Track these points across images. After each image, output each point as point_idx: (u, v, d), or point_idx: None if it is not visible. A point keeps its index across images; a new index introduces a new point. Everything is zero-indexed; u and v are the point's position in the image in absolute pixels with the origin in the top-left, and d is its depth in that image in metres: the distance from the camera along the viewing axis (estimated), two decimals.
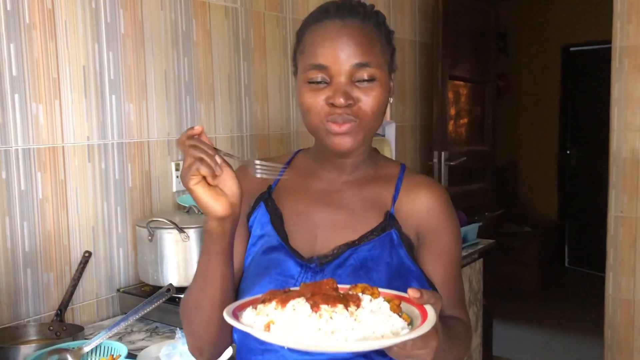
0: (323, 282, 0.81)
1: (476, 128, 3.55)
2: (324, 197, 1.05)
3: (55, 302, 1.68)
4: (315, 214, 1.03)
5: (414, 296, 0.77)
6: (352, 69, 0.94)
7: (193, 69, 2.04)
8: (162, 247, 1.70)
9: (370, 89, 0.96)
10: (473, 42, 3.44)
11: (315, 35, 0.97)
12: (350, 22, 0.96)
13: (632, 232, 3.00)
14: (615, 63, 2.99)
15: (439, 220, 1.03)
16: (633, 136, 2.97)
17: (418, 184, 1.05)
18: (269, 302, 0.78)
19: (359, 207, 1.03)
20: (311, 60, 0.96)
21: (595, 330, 3.53)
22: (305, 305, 0.75)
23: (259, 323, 0.76)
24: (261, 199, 1.08)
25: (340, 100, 0.93)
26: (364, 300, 0.77)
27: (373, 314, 0.75)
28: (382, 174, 1.07)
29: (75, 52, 1.69)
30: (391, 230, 1.00)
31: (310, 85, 0.97)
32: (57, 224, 1.68)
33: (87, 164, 1.74)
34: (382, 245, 0.98)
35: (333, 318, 0.73)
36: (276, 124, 2.37)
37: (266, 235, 1.04)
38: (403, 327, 0.75)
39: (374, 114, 0.97)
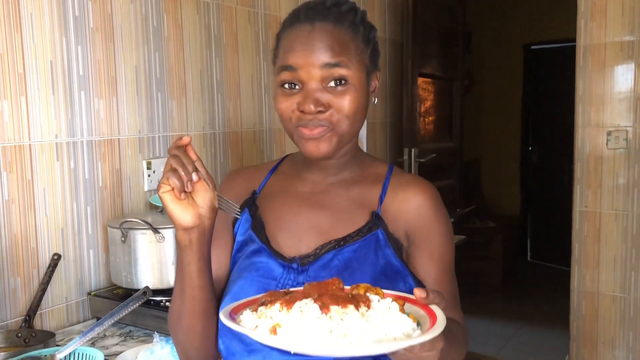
0: (328, 282, 0.78)
1: (444, 125, 3.58)
2: (309, 199, 1.03)
3: (22, 307, 1.61)
4: (300, 217, 1.02)
5: (420, 296, 0.75)
6: (322, 71, 0.92)
7: (164, 64, 1.98)
8: (135, 248, 1.65)
9: (343, 93, 0.94)
10: (441, 39, 3.46)
11: (286, 40, 0.97)
12: (320, 25, 0.94)
13: (596, 227, 3.07)
14: (580, 61, 3.05)
15: (429, 220, 1.00)
16: (597, 132, 3.04)
17: (406, 183, 1.03)
18: (271, 304, 0.74)
19: (345, 208, 1.01)
20: (282, 62, 0.96)
21: (560, 323, 3.61)
22: (313, 307, 0.71)
23: (262, 327, 0.72)
24: (245, 205, 1.07)
25: (310, 107, 0.92)
26: (373, 301, 0.74)
27: (383, 315, 0.72)
28: (368, 174, 1.06)
29: (42, 46, 1.62)
30: (377, 230, 0.98)
31: (283, 89, 0.96)
32: (24, 226, 1.60)
33: (55, 163, 1.67)
34: (368, 246, 0.97)
35: (344, 320, 0.70)
36: (249, 122, 2.33)
37: (249, 240, 1.03)
38: (413, 329, 0.73)
39: (349, 118, 0.95)
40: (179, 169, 0.84)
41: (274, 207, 1.04)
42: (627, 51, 2.94)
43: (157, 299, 1.64)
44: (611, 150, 3.01)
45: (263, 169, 1.13)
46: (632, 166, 2.96)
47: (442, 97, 3.54)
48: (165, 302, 1.63)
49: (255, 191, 1.08)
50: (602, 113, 3.03)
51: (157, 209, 1.83)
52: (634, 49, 2.93)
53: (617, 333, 3.01)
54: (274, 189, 1.08)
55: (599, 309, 3.07)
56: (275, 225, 1.02)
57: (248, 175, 1.12)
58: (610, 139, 3.00)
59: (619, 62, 2.97)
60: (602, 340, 3.05)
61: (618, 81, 2.99)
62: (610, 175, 3.01)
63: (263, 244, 1.01)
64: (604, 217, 3.05)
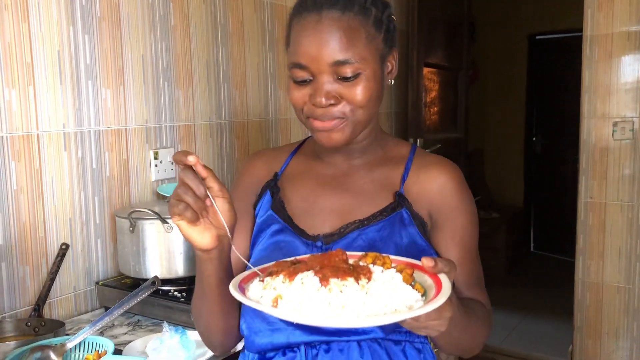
0: (332, 253, 0.79)
1: (449, 115, 3.57)
2: (331, 181, 1.03)
3: (31, 296, 1.61)
4: (322, 199, 1.01)
5: (427, 265, 0.75)
6: (332, 67, 0.90)
7: (171, 53, 1.97)
8: (144, 238, 1.65)
9: (354, 84, 0.91)
10: (446, 29, 3.44)
11: (295, 31, 0.94)
12: (327, 14, 0.90)
13: (601, 217, 3.07)
14: (586, 51, 3.04)
15: (452, 200, 0.99)
16: (602, 123, 3.03)
17: (429, 164, 1.02)
18: (276, 275, 0.75)
19: (368, 189, 1.01)
20: (292, 59, 0.94)
21: (564, 313, 3.62)
22: (314, 279, 0.72)
23: (266, 298, 0.73)
24: (267, 187, 1.06)
25: (322, 100, 0.91)
26: (375, 273, 0.74)
27: (385, 287, 0.72)
28: (391, 155, 1.05)
29: (49, 35, 1.61)
30: (401, 209, 0.98)
31: (295, 82, 0.95)
32: (32, 216, 1.61)
33: (63, 153, 1.67)
34: (392, 225, 0.97)
35: (343, 292, 0.70)
36: (255, 111, 2.32)
37: (270, 220, 1.02)
38: (417, 300, 0.73)
39: (362, 107, 0.93)
40: (189, 199, 0.80)
41: (296, 189, 1.04)
42: (634, 41, 2.93)
43: (166, 288, 1.64)
44: (617, 141, 3.00)
45: (284, 151, 1.12)
46: (637, 157, 2.95)
47: (447, 87, 3.53)
48: (174, 292, 1.63)
49: (277, 173, 1.07)
50: (608, 104, 3.01)
51: (165, 199, 1.83)
52: None
53: (621, 324, 3.02)
54: (295, 171, 1.07)
55: (603, 300, 3.07)
56: (298, 206, 1.02)
57: (269, 158, 1.11)
58: (617, 130, 2.99)
59: (625, 53, 2.95)
60: (606, 331, 3.06)
61: (624, 72, 2.97)
62: (615, 166, 3.00)
63: (286, 223, 1.00)
64: (609, 208, 3.05)
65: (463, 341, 0.93)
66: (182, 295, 1.61)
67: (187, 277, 1.67)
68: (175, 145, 2.01)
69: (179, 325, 1.50)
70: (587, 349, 3.10)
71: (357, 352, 0.92)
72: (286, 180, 1.06)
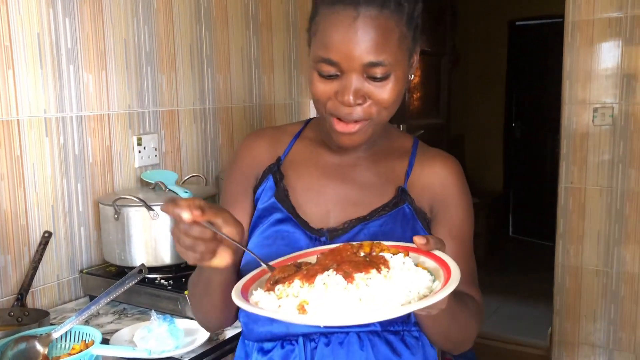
0: (341, 248, 0.78)
1: (432, 101, 3.57)
2: (337, 171, 1.01)
3: (13, 286, 1.58)
4: (328, 188, 1.00)
5: (420, 243, 0.76)
6: (364, 67, 0.87)
7: (154, 37, 1.93)
8: (129, 225, 1.63)
9: (384, 85, 0.88)
10: (429, 15, 3.44)
11: (326, 23, 0.88)
12: (365, 11, 0.85)
13: (580, 202, 3.11)
14: (568, 37, 3.05)
15: (452, 194, 1.00)
16: (583, 109, 3.06)
17: (432, 158, 1.02)
18: (288, 281, 0.73)
19: (373, 182, 1.00)
20: (322, 53, 0.88)
21: (542, 296, 3.68)
22: (337, 278, 0.70)
23: (288, 306, 0.70)
24: (269, 172, 1.03)
25: (349, 99, 0.87)
26: (390, 261, 0.74)
27: (403, 273, 0.72)
28: (395, 147, 1.04)
29: (28, 18, 1.57)
30: (403, 205, 0.97)
31: (320, 75, 0.90)
32: (14, 203, 1.57)
33: (44, 139, 1.63)
34: (394, 221, 0.96)
35: (369, 285, 0.69)
36: (239, 97, 2.30)
37: (272, 208, 1.00)
38: (431, 279, 0.73)
39: (387, 109, 0.90)
40: (201, 248, 0.76)
41: (301, 177, 1.02)
42: (615, 28, 2.95)
43: (152, 276, 1.62)
44: (597, 127, 3.03)
45: (287, 132, 1.08)
46: (617, 143, 2.99)
47: (429, 73, 3.53)
48: (160, 280, 1.62)
49: (280, 157, 1.04)
50: (588, 90, 3.04)
51: (149, 186, 1.80)
52: (622, 26, 2.94)
53: (599, 306, 3.08)
54: (299, 157, 1.04)
55: (582, 283, 3.12)
56: (302, 195, 1.00)
57: (271, 139, 1.07)
58: (597, 116, 3.02)
59: (606, 39, 2.98)
60: (584, 313, 3.12)
61: (605, 58, 3.00)
62: (595, 151, 3.04)
63: (289, 213, 0.98)
64: (589, 192, 3.09)
65: (452, 332, 0.93)
66: (168, 283, 1.60)
67: (174, 264, 1.65)
68: (159, 131, 1.97)
69: (166, 313, 1.49)
70: (565, 331, 3.16)
71: (357, 345, 0.92)
72: (289, 166, 1.03)
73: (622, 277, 3.02)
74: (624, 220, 2.99)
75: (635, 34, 2.90)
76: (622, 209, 2.99)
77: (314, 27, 0.92)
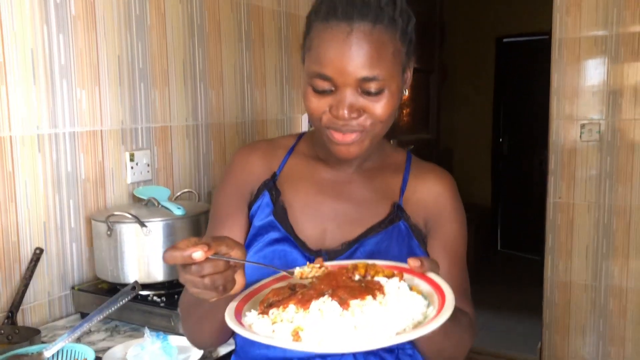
0: (336, 272, 0.77)
1: (421, 116, 3.60)
2: (333, 188, 1.01)
3: (3, 303, 1.56)
4: (324, 206, 1.00)
5: (414, 265, 0.77)
6: (358, 82, 0.87)
7: (147, 53, 1.94)
8: (122, 242, 1.62)
9: (378, 99, 0.89)
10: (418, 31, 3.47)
11: (320, 39, 0.89)
12: (359, 26, 0.86)
13: (569, 217, 3.14)
14: (555, 54, 3.10)
15: (447, 209, 1.01)
16: (570, 125, 3.10)
17: (426, 173, 1.03)
18: (283, 305, 0.73)
19: (368, 198, 1.00)
20: (316, 68, 0.89)
21: (531, 311, 3.69)
22: (332, 304, 0.70)
23: (282, 331, 0.70)
24: (265, 187, 1.02)
25: (344, 113, 0.87)
26: (385, 286, 0.74)
27: (397, 298, 0.72)
28: (389, 162, 1.05)
29: (22, 34, 1.57)
30: (399, 221, 0.97)
31: (315, 90, 0.90)
32: (5, 220, 1.56)
33: (37, 155, 1.62)
34: (390, 238, 0.96)
35: (364, 312, 0.69)
36: (231, 112, 2.30)
37: (269, 226, 0.99)
38: (425, 305, 0.73)
39: (383, 122, 0.91)
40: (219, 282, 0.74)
41: (297, 194, 1.01)
42: (601, 45, 3.00)
43: (145, 293, 1.61)
44: (584, 143, 3.07)
45: (281, 146, 1.07)
46: (604, 158, 3.03)
47: (419, 89, 3.56)
48: (153, 297, 1.61)
49: (275, 173, 1.04)
50: (576, 106, 3.09)
51: (142, 202, 1.79)
52: (607, 44, 2.99)
53: (588, 320, 3.10)
54: (294, 173, 1.03)
55: (571, 298, 3.14)
56: (299, 213, 0.99)
57: (266, 153, 1.06)
58: (584, 132, 3.06)
59: (592, 56, 3.03)
60: (573, 327, 3.13)
61: (591, 75, 3.05)
62: (583, 167, 3.08)
63: (287, 233, 0.97)
64: (577, 208, 3.12)
65: (446, 348, 0.93)
66: (161, 300, 1.59)
67: (166, 281, 1.64)
68: (151, 147, 1.97)
69: (159, 330, 1.48)
70: (555, 346, 3.17)
71: None
72: (285, 182, 1.02)
73: (610, 292, 3.04)
74: (612, 235, 3.02)
75: (621, 51, 2.95)
76: (610, 224, 3.03)
77: (307, 43, 0.92)
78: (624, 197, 2.98)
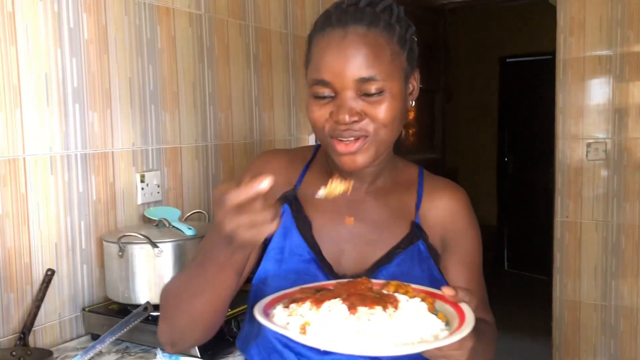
0: (358, 281, 0.79)
1: (427, 136, 3.62)
2: (349, 208, 1.00)
3: (15, 324, 1.57)
4: (340, 226, 0.99)
5: (448, 294, 0.77)
6: (356, 83, 0.87)
7: (158, 76, 1.96)
8: (133, 263, 1.62)
9: (378, 102, 0.89)
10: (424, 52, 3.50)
11: (318, 47, 0.91)
12: (353, 29, 0.88)
13: (576, 236, 3.14)
14: (559, 74, 3.13)
15: (463, 225, 1.02)
16: (576, 144, 3.11)
17: (440, 189, 1.03)
18: (302, 302, 0.75)
19: (385, 219, 1.00)
20: (315, 75, 0.90)
21: (540, 330, 3.66)
22: (341, 307, 0.72)
23: (293, 324, 0.73)
24: (285, 199, 1.00)
25: (345, 117, 0.87)
26: (401, 301, 0.75)
27: (411, 315, 0.73)
28: (402, 179, 1.04)
29: (36, 57, 1.59)
30: (418, 241, 0.98)
31: (316, 99, 0.91)
32: (17, 241, 1.57)
33: (49, 177, 1.64)
34: (412, 259, 0.96)
35: (371, 320, 0.71)
36: (240, 134, 2.32)
37: (292, 242, 0.97)
38: (442, 329, 0.73)
39: (386, 126, 0.90)
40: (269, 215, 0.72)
41: (317, 211, 0.99)
42: (605, 65, 3.03)
43: (155, 314, 1.61)
44: (591, 162, 3.08)
45: (298, 157, 1.05)
46: (611, 177, 3.03)
47: (424, 109, 3.58)
48: None
49: (296, 185, 1.02)
50: (581, 125, 3.10)
51: (152, 223, 1.80)
52: (612, 63, 3.01)
53: (598, 341, 3.07)
54: (312, 189, 0.98)
55: (580, 318, 3.12)
56: (319, 232, 0.98)
57: (286, 163, 1.04)
58: (590, 151, 3.07)
59: (597, 76, 3.05)
60: (584, 349, 3.11)
61: (596, 94, 3.07)
62: (590, 185, 3.08)
63: (313, 254, 0.96)
64: (585, 226, 3.11)
65: None
66: None
67: None
68: (161, 168, 1.99)
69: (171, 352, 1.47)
70: None
71: None
72: (303, 197, 1.01)
73: (620, 312, 3.02)
74: (621, 254, 3.01)
75: (625, 70, 2.97)
76: (618, 243, 3.02)
77: (308, 57, 0.94)
78: (632, 215, 2.98)
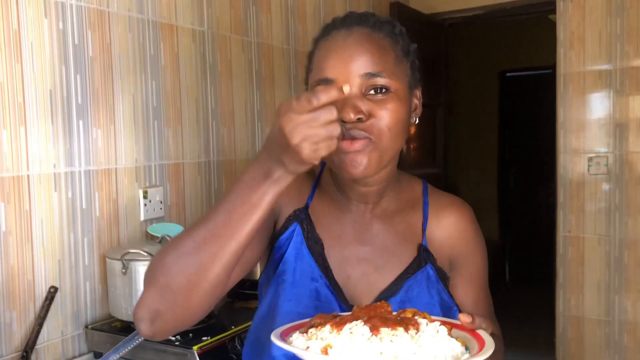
0: (377, 305, 0.79)
1: (428, 151, 3.62)
2: (355, 231, 0.98)
3: (18, 342, 1.56)
4: (348, 251, 0.97)
5: (465, 321, 0.77)
6: (362, 79, 0.85)
7: (161, 93, 1.97)
8: (136, 280, 1.62)
9: (384, 102, 0.85)
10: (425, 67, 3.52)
11: (321, 50, 0.90)
12: (357, 30, 0.87)
13: (579, 251, 3.13)
14: (560, 88, 3.14)
15: (470, 243, 1.01)
16: (578, 158, 3.12)
17: (446, 207, 1.01)
18: (321, 326, 0.74)
19: (391, 243, 0.98)
20: (318, 76, 0.88)
21: (543, 345, 3.64)
22: (363, 329, 0.71)
23: (314, 347, 0.72)
24: (296, 219, 0.97)
25: (350, 114, 0.82)
26: (422, 324, 0.75)
27: (433, 338, 0.73)
28: (407, 197, 1.01)
29: (41, 75, 1.60)
30: (427, 265, 0.96)
31: None
32: (21, 258, 1.56)
33: (53, 193, 1.64)
34: (420, 284, 0.95)
35: (394, 342, 0.70)
36: (242, 149, 2.33)
37: (303, 264, 0.95)
38: (462, 352, 0.73)
39: (390, 130, 0.86)
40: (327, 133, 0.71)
41: (326, 232, 0.97)
42: (605, 79, 3.04)
43: None
44: (592, 176, 3.08)
45: (307, 174, 0.98)
46: (612, 191, 3.03)
47: (426, 124, 3.59)
48: None
49: (307, 203, 0.99)
50: (582, 139, 3.11)
51: (155, 239, 1.80)
52: (612, 78, 3.02)
53: (602, 356, 3.05)
54: (322, 209, 0.98)
55: (584, 333, 3.11)
56: (328, 253, 0.96)
57: (299, 178, 0.94)
58: (592, 165, 3.07)
59: (597, 90, 3.06)
60: None
61: (597, 108, 3.08)
62: (592, 200, 3.08)
63: (325, 278, 0.94)
64: (587, 241, 3.11)
65: None
66: (176, 338, 1.57)
67: None
68: (164, 184, 1.99)
69: None
70: None
71: None
72: (314, 217, 0.97)
73: (624, 327, 3.01)
74: (624, 269, 3.00)
75: (625, 85, 2.98)
76: (621, 257, 3.01)
77: (309, 67, 0.93)
78: (635, 230, 2.97)
